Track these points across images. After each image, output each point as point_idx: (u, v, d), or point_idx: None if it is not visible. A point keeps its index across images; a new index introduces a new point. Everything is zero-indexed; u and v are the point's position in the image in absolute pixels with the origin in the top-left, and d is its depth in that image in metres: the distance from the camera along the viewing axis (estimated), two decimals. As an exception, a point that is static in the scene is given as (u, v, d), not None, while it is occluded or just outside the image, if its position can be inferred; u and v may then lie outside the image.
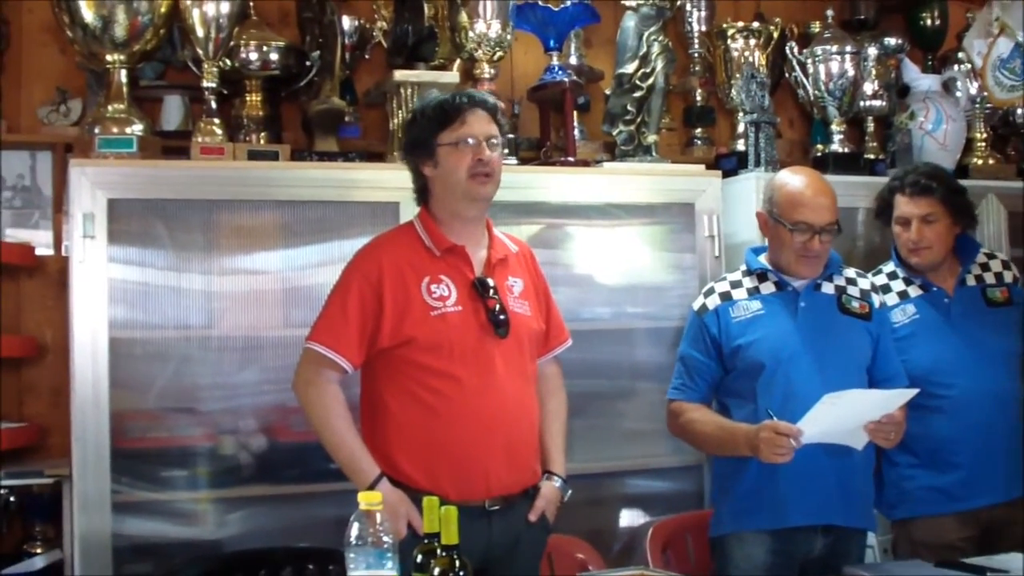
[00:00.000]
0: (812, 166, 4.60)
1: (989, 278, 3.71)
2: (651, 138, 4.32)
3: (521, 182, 3.83)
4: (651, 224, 4.13)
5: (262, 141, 3.93)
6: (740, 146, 4.63)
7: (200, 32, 3.73)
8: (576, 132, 4.37)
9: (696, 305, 3.48)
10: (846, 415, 3.15)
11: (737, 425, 3.28)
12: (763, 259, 3.47)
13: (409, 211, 3.35)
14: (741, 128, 4.65)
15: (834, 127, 4.70)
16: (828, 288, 3.43)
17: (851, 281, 3.48)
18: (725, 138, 4.91)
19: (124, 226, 3.49)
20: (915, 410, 3.37)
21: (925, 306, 3.63)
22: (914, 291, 3.66)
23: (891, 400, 3.19)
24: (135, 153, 3.60)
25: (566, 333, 3.31)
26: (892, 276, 3.72)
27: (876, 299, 3.48)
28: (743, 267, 3.51)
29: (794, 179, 3.41)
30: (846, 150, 4.69)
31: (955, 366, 3.54)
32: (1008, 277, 3.74)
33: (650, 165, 4.25)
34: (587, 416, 3.85)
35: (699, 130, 4.84)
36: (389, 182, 3.64)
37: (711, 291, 3.48)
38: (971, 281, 3.70)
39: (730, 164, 4.43)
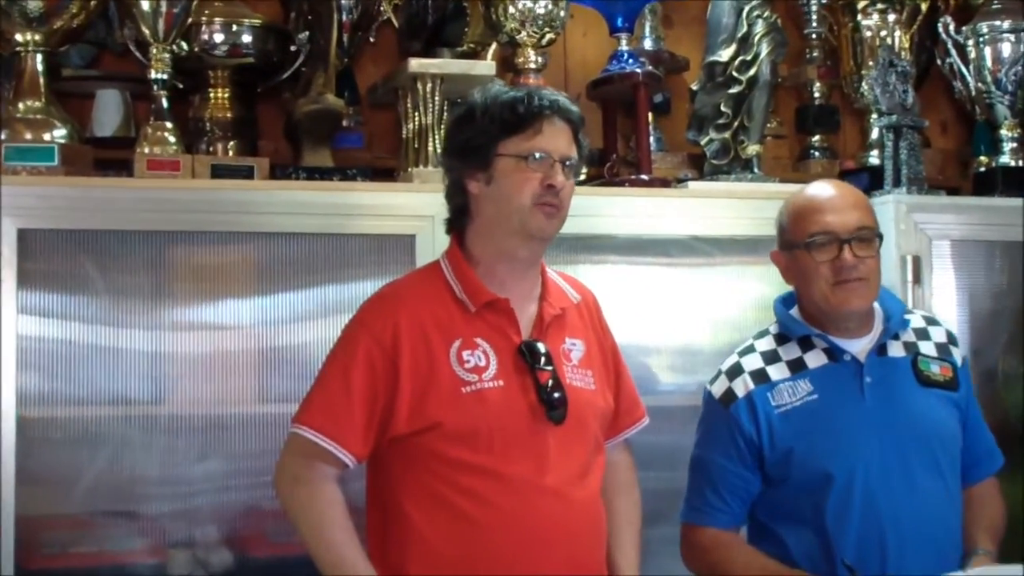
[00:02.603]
0: (974, 185, 4.72)
1: None
2: (753, 148, 4.40)
3: (578, 207, 3.67)
4: (752, 264, 4.14)
5: (231, 152, 4.03)
6: (874, 159, 4.71)
7: (146, 5, 3.79)
8: (652, 141, 4.45)
9: (717, 391, 3.36)
10: None
11: (795, 572, 3.18)
12: (797, 314, 3.37)
13: (428, 247, 3.42)
14: (875, 134, 4.71)
15: (1005, 132, 4.74)
16: (897, 349, 3.31)
17: (922, 334, 3.39)
18: (853, 148, 4.98)
19: (40, 265, 3.54)
20: None
21: None
22: None
23: None
24: (56, 167, 3.65)
25: (642, 409, 3.34)
26: None
27: (957, 354, 3.38)
28: (774, 329, 3.41)
29: (803, 190, 3.38)
30: (1021, 163, 4.72)
31: None
32: None
33: (751, 185, 4.32)
34: (667, 522, 3.75)
35: (818, 137, 4.91)
36: (403, 208, 3.71)
37: (737, 370, 3.35)
38: None
39: (860, 183, 4.33)
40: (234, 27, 4.03)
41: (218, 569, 3.66)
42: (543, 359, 3.01)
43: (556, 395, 2.98)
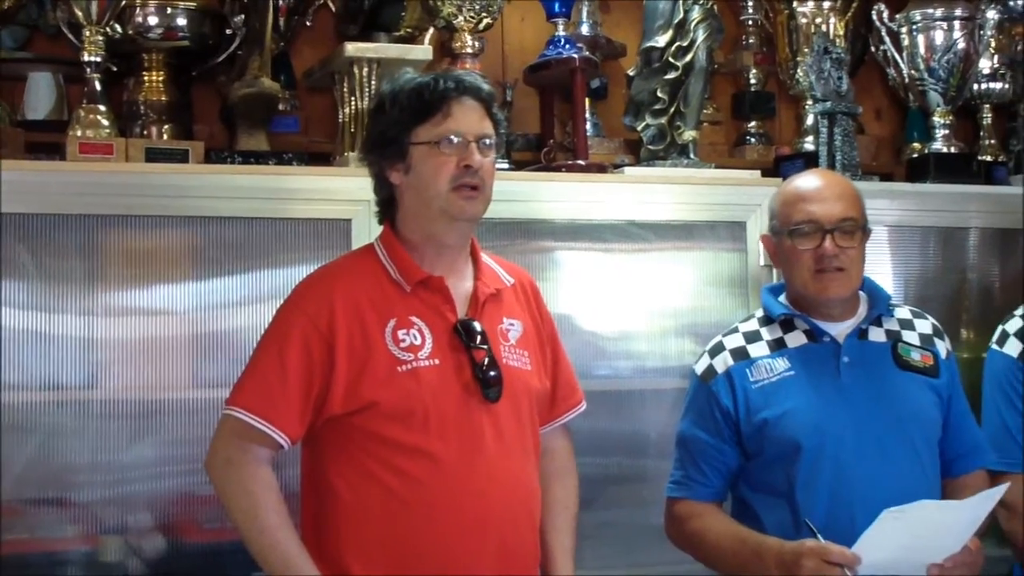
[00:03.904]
0: (907, 171, 4.75)
1: None
2: (689, 134, 4.38)
3: (515, 192, 3.86)
4: (688, 249, 4.18)
5: (165, 136, 3.97)
6: (808, 145, 4.72)
7: (80, -15, 3.76)
8: (589, 127, 4.44)
9: (699, 368, 3.45)
10: (920, 535, 3.08)
11: (765, 540, 3.21)
12: (784, 300, 3.47)
13: (364, 231, 3.41)
14: (810, 121, 4.73)
15: (937, 119, 4.77)
16: (878, 335, 3.40)
17: (906, 324, 3.46)
18: (788, 134, 5.00)
19: (-32, 250, 3.49)
20: None
21: None
22: None
23: (977, 508, 3.13)
24: (-14, 151, 3.61)
25: (579, 394, 3.35)
26: None
27: (942, 346, 3.47)
28: (759, 312, 3.50)
29: (795, 178, 3.46)
30: (953, 150, 4.75)
31: None
32: None
33: (687, 171, 4.31)
34: (603, 507, 3.87)
35: (753, 124, 4.93)
36: (339, 192, 3.69)
37: (719, 348, 3.44)
38: None
39: (795, 169, 4.35)
40: (169, 10, 3.99)
41: (151, 556, 3.62)
42: (479, 337, 3.02)
43: (491, 373, 2.99)
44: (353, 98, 3.99)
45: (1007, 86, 5.00)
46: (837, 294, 3.32)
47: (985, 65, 4.94)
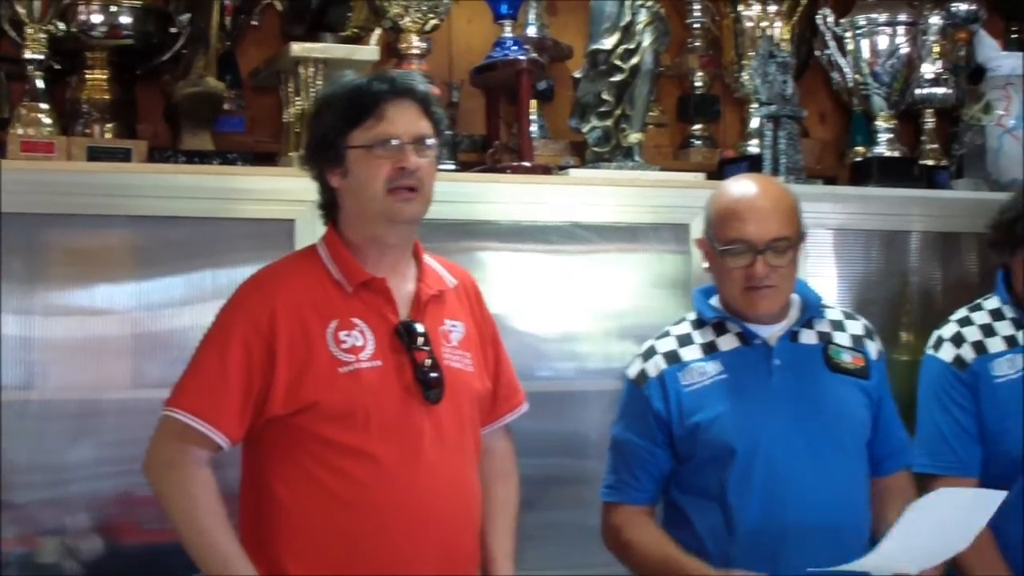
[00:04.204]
0: (851, 174, 4.80)
1: None
2: (634, 137, 4.39)
3: (460, 194, 3.87)
4: (633, 251, 4.19)
5: (108, 135, 3.94)
6: (753, 148, 4.72)
7: (21, -17, 3.74)
8: (534, 128, 4.45)
9: (632, 372, 3.42)
10: (945, 521, 3.13)
11: (689, 563, 3.22)
12: (716, 302, 3.45)
13: (309, 231, 3.38)
14: (755, 124, 4.73)
15: (880, 123, 4.79)
16: (809, 337, 3.39)
17: (837, 325, 3.46)
18: (733, 137, 5.02)
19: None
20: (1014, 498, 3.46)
21: None
22: None
23: (985, 502, 3.18)
24: (-72, 148, 3.59)
25: (521, 395, 3.36)
26: (998, 315, 3.78)
27: (872, 347, 3.47)
28: (691, 315, 3.47)
29: (732, 188, 3.39)
30: (896, 154, 4.78)
31: None
32: None
33: (632, 173, 4.32)
34: (544, 508, 3.88)
35: (698, 127, 4.94)
36: (283, 192, 3.67)
37: (651, 352, 3.41)
38: None
39: (739, 171, 4.32)
40: (113, 8, 3.94)
41: (88, 557, 3.60)
42: (420, 339, 3.02)
43: (433, 375, 3.00)
44: (298, 98, 3.97)
45: (950, 91, 5.05)
46: (767, 310, 3.31)
47: (928, 70, 4.99)
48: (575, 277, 4.15)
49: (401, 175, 2.97)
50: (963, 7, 5.17)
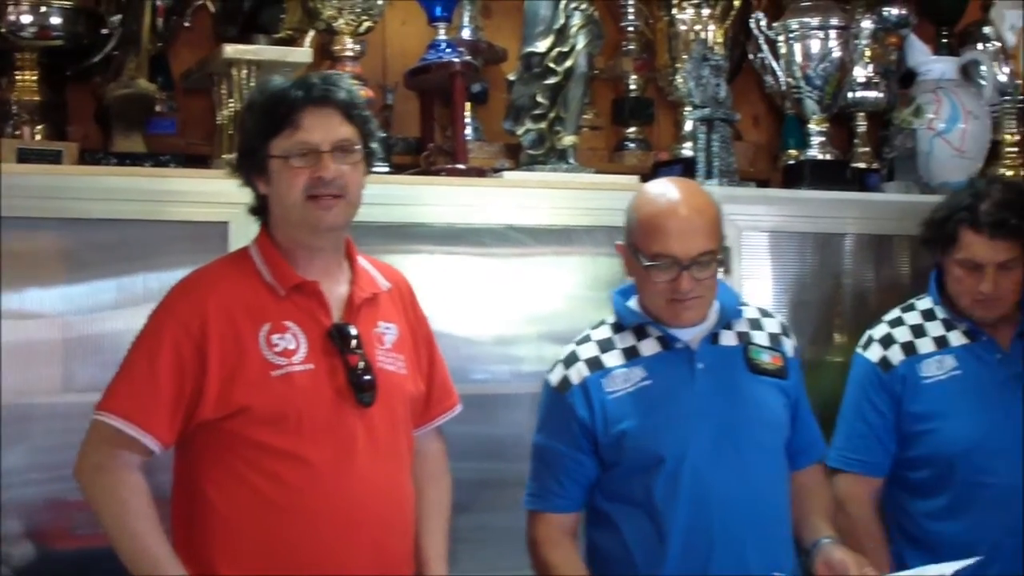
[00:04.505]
0: (783, 177, 4.84)
1: None
2: (568, 139, 4.40)
3: (394, 196, 3.88)
4: (567, 254, 4.20)
5: (38, 136, 3.91)
6: (687, 150, 4.74)
7: (-52, -16, 3.71)
8: (469, 131, 4.46)
9: (554, 379, 3.39)
10: None
11: None
12: (635, 304, 3.42)
13: (242, 234, 3.37)
14: (688, 127, 4.75)
15: (813, 126, 4.83)
16: (729, 338, 3.39)
17: (755, 324, 3.47)
18: (667, 140, 5.03)
19: None
20: (939, 500, 3.66)
21: (970, 360, 3.76)
22: (957, 338, 3.79)
23: None
24: None
25: (454, 397, 3.37)
26: (929, 316, 3.84)
27: (789, 344, 3.48)
28: (611, 318, 3.45)
29: (655, 196, 3.32)
30: (828, 157, 4.81)
31: (1001, 446, 3.67)
32: None
33: (566, 176, 4.33)
34: (477, 510, 3.88)
35: (633, 129, 4.96)
36: (215, 195, 3.64)
37: (573, 358, 3.37)
38: None
39: (673, 174, 4.39)
40: (43, 8, 3.90)
41: (21, 563, 3.56)
42: (353, 342, 3.03)
43: (366, 378, 3.01)
44: (231, 100, 3.96)
45: (881, 95, 5.10)
46: (691, 320, 3.30)
47: (860, 74, 5.04)
48: (509, 280, 4.17)
49: (318, 184, 2.97)
50: (894, 12, 5.21)
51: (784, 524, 3.36)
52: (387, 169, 4.11)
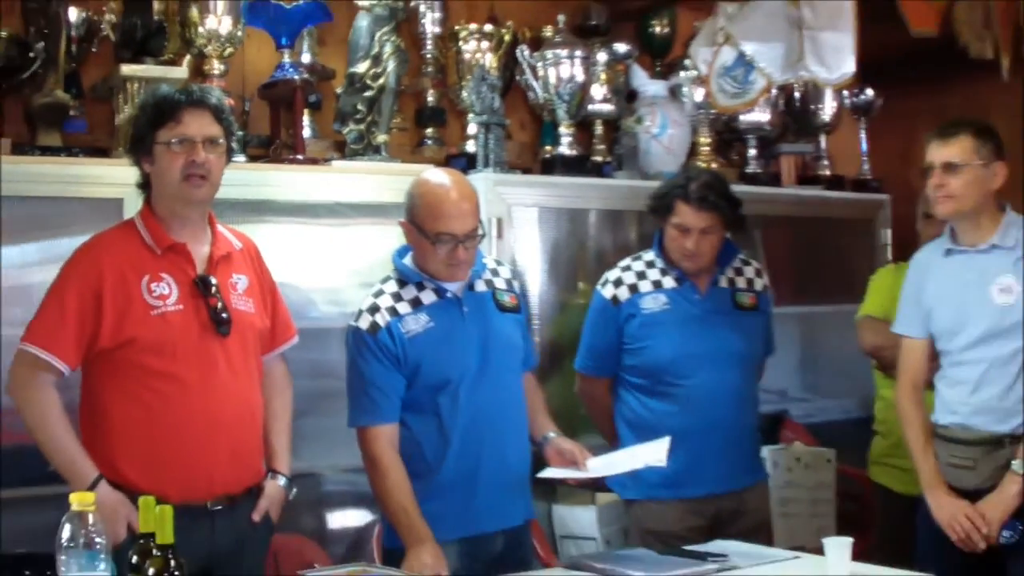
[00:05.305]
0: (542, 167, 4.88)
1: (741, 283, 3.96)
2: (381, 137, 4.43)
3: (249, 180, 3.89)
4: (381, 224, 4.17)
5: (-18, 134, 3.83)
6: (471, 147, 4.75)
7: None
8: (306, 130, 4.44)
9: (364, 324, 3.29)
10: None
11: (419, 524, 3.18)
12: (410, 262, 3.38)
13: (133, 208, 3.33)
14: (472, 129, 4.76)
15: (563, 130, 4.85)
16: (481, 286, 3.40)
17: (495, 272, 3.47)
18: (456, 139, 5.02)
19: None
20: (651, 397, 3.79)
21: (677, 298, 3.86)
22: (669, 282, 3.88)
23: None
24: None
25: (293, 330, 3.38)
26: (650, 264, 3.92)
27: (516, 284, 3.53)
28: (394, 275, 3.39)
29: (434, 186, 3.29)
30: (575, 152, 4.86)
31: (695, 360, 3.80)
32: (759, 285, 4.00)
33: (380, 164, 4.35)
34: (315, 415, 3.89)
35: (430, 130, 4.94)
36: (113, 178, 3.63)
37: (375, 308, 3.31)
38: (724, 283, 3.93)
39: (460, 164, 4.51)
40: (-15, 38, 3.85)
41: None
42: (213, 288, 3.05)
43: (223, 316, 3.04)
44: (127, 106, 3.92)
45: (612, 107, 5.12)
46: (463, 278, 3.32)
47: (597, 92, 5.05)
48: (337, 244, 4.20)
49: (192, 166, 2.99)
50: (622, 47, 5.26)
51: (524, 418, 3.45)
52: (244, 159, 4.10)
